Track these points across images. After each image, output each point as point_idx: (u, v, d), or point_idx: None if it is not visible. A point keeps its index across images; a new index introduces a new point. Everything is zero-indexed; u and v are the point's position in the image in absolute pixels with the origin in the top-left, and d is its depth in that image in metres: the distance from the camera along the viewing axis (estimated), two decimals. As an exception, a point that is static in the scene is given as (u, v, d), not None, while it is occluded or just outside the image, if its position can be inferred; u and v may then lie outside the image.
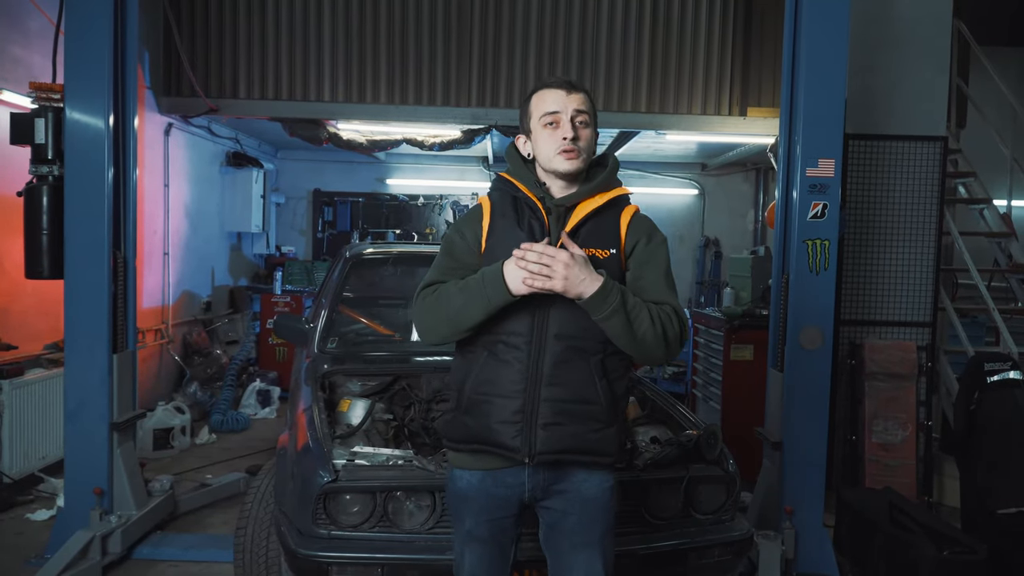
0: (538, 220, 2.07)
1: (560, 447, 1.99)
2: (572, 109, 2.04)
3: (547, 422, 1.98)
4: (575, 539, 2.08)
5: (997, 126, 5.86)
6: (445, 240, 2.17)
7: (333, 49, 6.65)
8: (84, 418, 3.89)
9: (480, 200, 2.20)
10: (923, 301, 5.06)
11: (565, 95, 2.06)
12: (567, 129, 2.03)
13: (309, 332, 4.04)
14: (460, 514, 2.14)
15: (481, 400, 2.02)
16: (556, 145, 2.04)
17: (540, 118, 2.07)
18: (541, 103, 2.08)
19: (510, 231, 2.06)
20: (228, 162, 8.54)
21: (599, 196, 2.10)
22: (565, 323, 1.99)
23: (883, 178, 5.05)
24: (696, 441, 2.91)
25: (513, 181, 2.13)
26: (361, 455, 2.77)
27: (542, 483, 2.06)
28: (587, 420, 2.01)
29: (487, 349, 2.04)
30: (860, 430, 4.89)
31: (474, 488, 2.09)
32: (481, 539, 2.11)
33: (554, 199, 2.09)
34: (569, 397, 1.99)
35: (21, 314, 5.04)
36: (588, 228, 2.08)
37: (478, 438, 2.04)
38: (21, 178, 3.92)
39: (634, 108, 6.84)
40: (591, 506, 2.08)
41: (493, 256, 2.03)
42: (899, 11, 5.09)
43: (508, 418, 1.99)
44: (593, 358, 2.01)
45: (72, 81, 3.78)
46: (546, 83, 2.11)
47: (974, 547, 3.44)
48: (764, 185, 10.15)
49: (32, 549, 3.98)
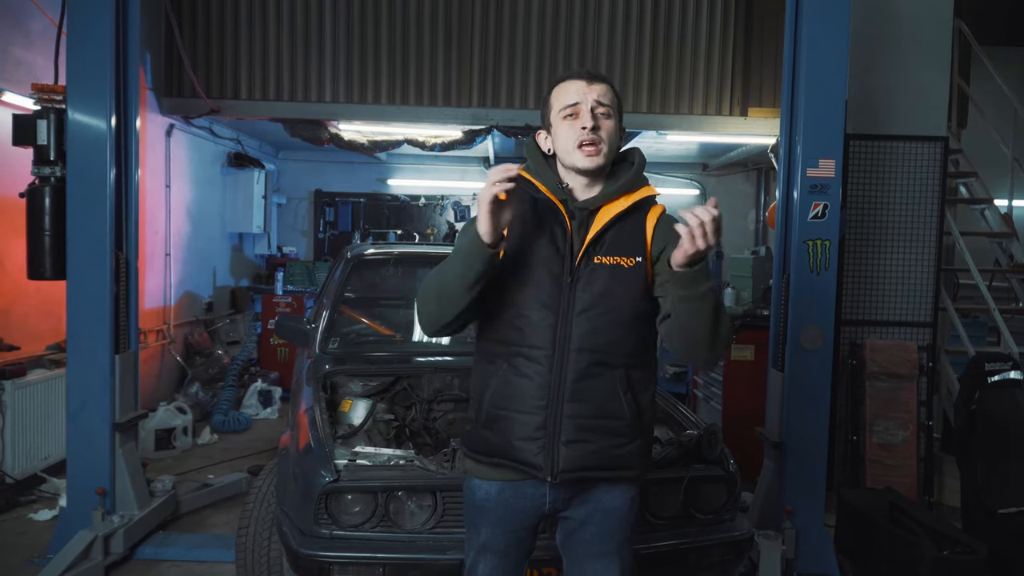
0: (560, 225, 1.97)
1: (583, 464, 1.93)
2: (593, 99, 1.94)
3: (570, 439, 1.91)
4: (593, 549, 2.04)
5: (998, 126, 5.86)
6: (462, 231, 2.02)
7: (334, 50, 6.66)
8: (86, 418, 3.90)
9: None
10: (924, 301, 5.06)
11: (586, 85, 1.96)
12: (587, 119, 1.93)
13: (310, 333, 4.05)
14: (476, 524, 2.08)
15: (502, 415, 1.95)
16: (576, 137, 1.93)
17: (560, 110, 1.97)
18: (561, 95, 1.98)
19: (529, 237, 1.97)
20: (229, 163, 8.55)
21: (624, 198, 1.99)
22: (588, 336, 1.91)
23: (884, 178, 5.05)
24: (697, 441, 2.91)
25: (533, 181, 2.01)
26: (363, 455, 2.78)
27: (563, 496, 2.01)
28: (611, 435, 1.94)
29: (507, 361, 1.96)
30: (861, 430, 4.89)
31: (492, 499, 2.03)
32: (496, 551, 2.06)
33: (577, 202, 1.98)
34: (593, 413, 1.92)
35: (23, 315, 5.05)
36: (612, 234, 1.97)
37: (499, 453, 1.98)
38: (23, 179, 3.93)
39: (635, 108, 6.84)
40: (612, 517, 2.03)
41: (515, 262, 1.95)
42: (900, 11, 5.09)
43: (530, 435, 1.92)
44: (617, 371, 1.93)
45: (74, 82, 3.79)
46: (567, 75, 2.02)
47: (974, 547, 3.44)
48: (765, 185, 10.15)
49: (35, 549, 3.99)
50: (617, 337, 1.93)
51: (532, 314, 1.94)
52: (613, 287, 1.93)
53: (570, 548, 2.09)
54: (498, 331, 2.00)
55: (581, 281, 1.94)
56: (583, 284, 1.94)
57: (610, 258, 1.94)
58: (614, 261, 1.94)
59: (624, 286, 1.94)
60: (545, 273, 1.95)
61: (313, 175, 10.33)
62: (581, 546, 2.05)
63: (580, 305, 1.92)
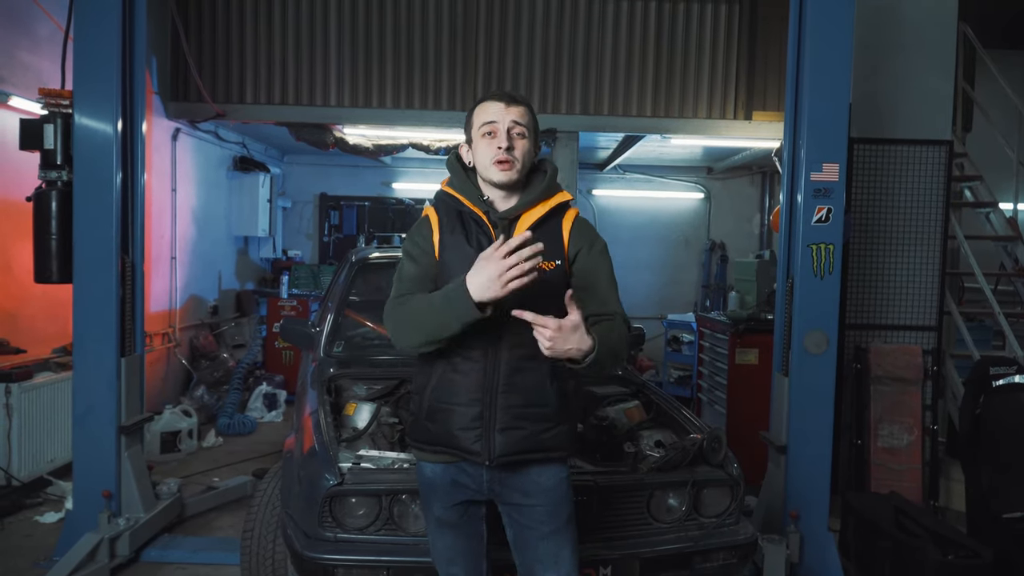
0: (485, 235, 2.12)
1: (517, 448, 2.09)
2: (510, 120, 2.10)
3: (504, 427, 2.08)
4: (544, 527, 2.16)
5: (1003, 129, 5.84)
6: (404, 251, 2.22)
7: (339, 54, 6.69)
8: (92, 421, 3.92)
9: (426, 211, 2.26)
10: (929, 305, 5.05)
11: (504, 107, 2.12)
12: (502, 139, 2.09)
13: (315, 336, 4.06)
14: (429, 502, 2.23)
15: (442, 408, 2.11)
16: (492, 154, 2.10)
17: (479, 128, 2.13)
18: (482, 113, 2.15)
19: (460, 247, 2.12)
20: (235, 166, 8.58)
21: (541, 205, 2.17)
22: (517, 335, 2.03)
23: (888, 182, 5.04)
24: (700, 445, 2.91)
25: (456, 195, 2.19)
26: (367, 458, 2.78)
27: (498, 477, 2.15)
28: (540, 421, 2.11)
29: (446, 359, 2.11)
30: (866, 434, 4.88)
31: (439, 476, 2.19)
32: (451, 523, 2.21)
33: (498, 212, 2.15)
34: (524, 402, 2.09)
35: (30, 318, 5.07)
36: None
37: (440, 441, 2.14)
38: (30, 183, 3.96)
39: (639, 112, 6.85)
40: (552, 495, 2.17)
41: (448, 272, 2.08)
42: (904, 14, 5.09)
43: (468, 424, 2.08)
44: (544, 364, 2.07)
45: (81, 87, 3.81)
46: (489, 96, 2.18)
47: (979, 551, 3.43)
48: (770, 189, 10.14)
49: (41, 551, 4.01)
50: None
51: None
52: (535, 289, 1.99)
53: (521, 537, 2.20)
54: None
55: None
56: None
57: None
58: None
59: (544, 287, 2.04)
60: None
61: (318, 179, 10.36)
62: (532, 528, 2.17)
63: (508, 307, 1.96)
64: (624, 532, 2.78)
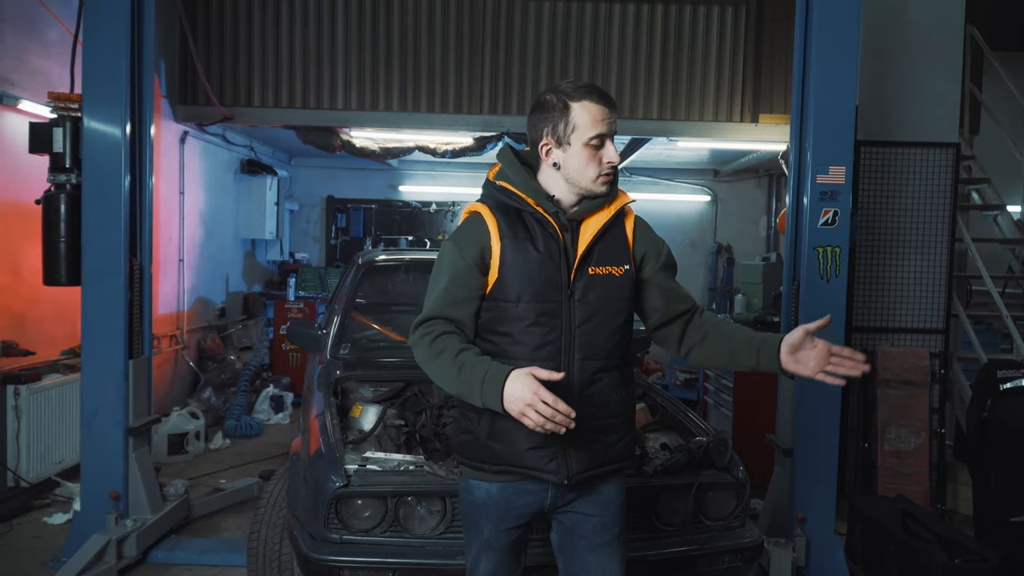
0: (552, 237, 1.96)
1: (593, 464, 2.00)
2: (615, 130, 1.94)
3: (580, 443, 1.96)
4: (594, 540, 2.08)
5: (1011, 132, 5.83)
6: (446, 259, 2.00)
7: (346, 57, 6.70)
8: (100, 423, 3.94)
9: (478, 210, 2.03)
10: (936, 308, 5.04)
11: (610, 112, 1.93)
12: (614, 154, 1.93)
13: (322, 338, 4.07)
14: (477, 523, 2.08)
15: (509, 427, 1.90)
16: (600, 170, 1.94)
17: (587, 137, 1.91)
18: (589, 118, 1.91)
19: (525, 252, 1.94)
20: (242, 169, 8.61)
21: (607, 209, 2.01)
22: (590, 346, 1.96)
23: (895, 185, 5.03)
24: (706, 447, 2.91)
25: (519, 193, 1.98)
26: (373, 460, 2.79)
27: (567, 494, 2.05)
28: (611, 432, 2.02)
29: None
30: (873, 437, 4.87)
31: (493, 498, 2.04)
32: (500, 547, 2.08)
33: (567, 214, 1.98)
34: (598, 415, 1.99)
35: (39, 320, 5.10)
36: (602, 245, 2.00)
37: (507, 462, 1.99)
38: (39, 186, 3.98)
39: (646, 115, 6.85)
40: (611, 506, 2.09)
41: (511, 276, 1.94)
42: (911, 17, 5.08)
43: (540, 443, 1.93)
44: (613, 373, 2.01)
45: (90, 90, 3.84)
46: (592, 95, 1.93)
47: (987, 555, 3.42)
48: (777, 191, 10.11)
49: (49, 552, 4.03)
50: (613, 343, 1.99)
51: (536, 328, 1.95)
52: (608, 296, 1.98)
53: (570, 545, 2.12)
54: (498, 345, 2.00)
55: (578, 292, 1.97)
56: (580, 295, 1.97)
57: (602, 268, 1.98)
58: (606, 271, 1.98)
59: (617, 294, 2.00)
60: (547, 287, 1.96)
61: (325, 181, 10.39)
62: (583, 539, 2.09)
63: (580, 316, 1.95)
64: (629, 535, 2.76)
